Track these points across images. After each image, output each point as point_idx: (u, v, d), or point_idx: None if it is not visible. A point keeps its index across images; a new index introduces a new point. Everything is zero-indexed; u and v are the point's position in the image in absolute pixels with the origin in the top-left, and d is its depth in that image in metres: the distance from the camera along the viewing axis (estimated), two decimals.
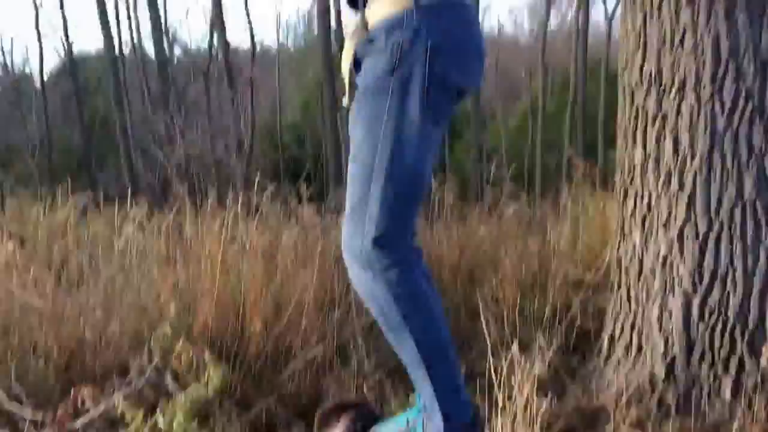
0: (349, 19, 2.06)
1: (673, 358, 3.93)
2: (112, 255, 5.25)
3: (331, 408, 2.45)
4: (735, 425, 3.48)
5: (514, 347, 3.45)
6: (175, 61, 26.18)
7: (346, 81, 1.98)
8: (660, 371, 3.95)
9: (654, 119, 4.03)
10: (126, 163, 12.88)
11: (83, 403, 3.23)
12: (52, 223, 6.71)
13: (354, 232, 1.86)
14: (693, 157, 3.88)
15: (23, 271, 4.71)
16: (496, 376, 3.40)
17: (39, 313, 4.30)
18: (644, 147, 4.09)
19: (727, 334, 3.86)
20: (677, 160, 3.93)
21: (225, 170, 14.69)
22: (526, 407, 3.33)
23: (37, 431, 3.34)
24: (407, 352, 1.95)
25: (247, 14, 22.83)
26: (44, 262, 5.41)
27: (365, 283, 1.87)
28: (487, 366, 3.49)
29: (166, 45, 22.92)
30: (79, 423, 3.26)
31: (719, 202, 3.84)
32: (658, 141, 4.01)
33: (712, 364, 3.87)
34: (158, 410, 2.90)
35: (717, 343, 3.86)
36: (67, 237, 6.03)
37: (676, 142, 3.93)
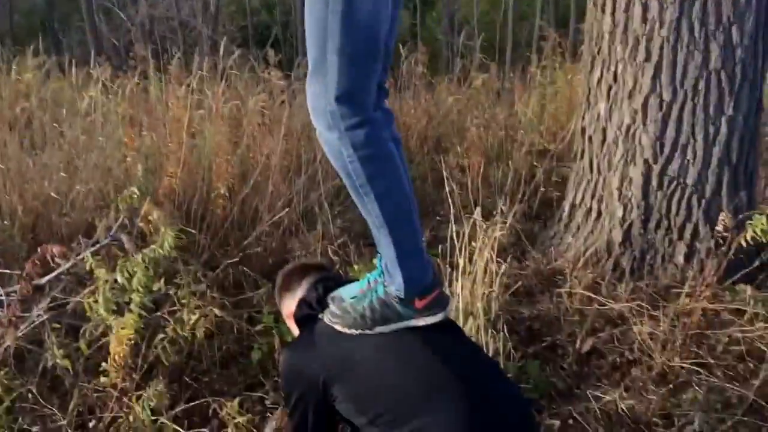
0: None
1: (630, 225, 4.03)
2: (76, 117, 5.19)
3: (293, 269, 2.45)
4: (686, 288, 3.59)
5: (477, 213, 3.51)
6: None
7: None
8: (617, 237, 4.05)
9: None
10: (89, 25, 12.45)
11: (52, 260, 3.24)
12: (15, 85, 6.58)
13: (317, 92, 1.83)
14: (661, 26, 3.86)
15: None
16: (458, 240, 3.47)
17: (2, 173, 4.27)
18: (613, 14, 4.06)
19: (684, 202, 3.95)
20: (645, 28, 3.92)
21: (190, 33, 14.34)
22: (485, 269, 3.43)
23: (3, 287, 3.36)
24: (371, 214, 1.95)
25: None
26: (7, 124, 5.35)
27: (331, 143, 1.85)
28: (450, 231, 3.56)
29: None
30: (46, 279, 3.28)
31: (684, 71, 3.86)
32: (627, 8, 3.98)
33: (668, 230, 3.97)
34: (117, 268, 2.91)
35: (674, 211, 3.96)
36: (30, 99, 5.92)
37: (645, 10, 3.91)
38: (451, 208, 3.77)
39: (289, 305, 2.29)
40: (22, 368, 3.18)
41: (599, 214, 4.20)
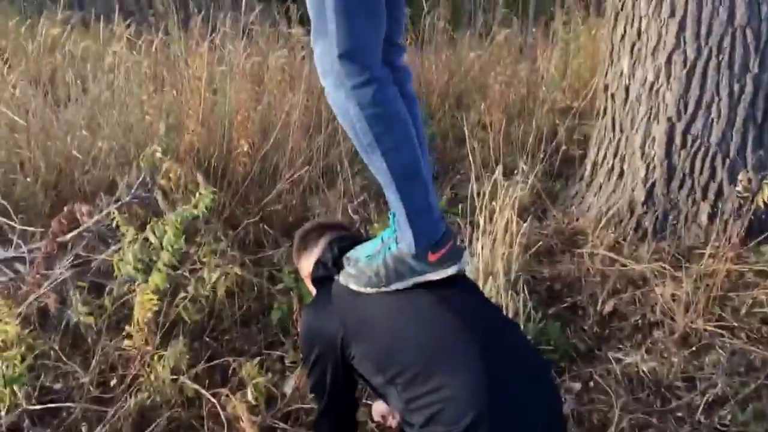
0: None
1: (653, 184, 3.98)
2: (99, 73, 5.17)
3: (309, 229, 2.44)
4: (709, 249, 3.56)
5: (498, 171, 3.49)
6: None
7: None
8: (639, 196, 4.02)
9: None
10: None
11: (79, 218, 3.26)
12: (40, 40, 6.56)
13: (322, 51, 1.84)
14: None
15: (10, 87, 4.65)
16: (478, 199, 3.46)
17: (27, 130, 4.28)
18: None
19: (708, 161, 3.90)
20: None
21: None
22: (506, 229, 3.41)
23: (26, 244, 3.39)
24: (379, 171, 1.95)
25: None
26: (32, 79, 5.34)
27: (338, 102, 1.85)
28: (471, 189, 3.55)
29: None
30: (70, 236, 3.30)
31: (710, 28, 3.79)
32: None
33: (692, 190, 3.93)
34: (148, 227, 2.92)
35: (697, 170, 3.91)
36: (54, 54, 5.91)
37: None
38: (472, 166, 3.75)
39: (306, 265, 2.31)
40: (44, 325, 3.21)
41: (621, 172, 4.16)
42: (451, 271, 2.02)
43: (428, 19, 7.04)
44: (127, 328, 2.85)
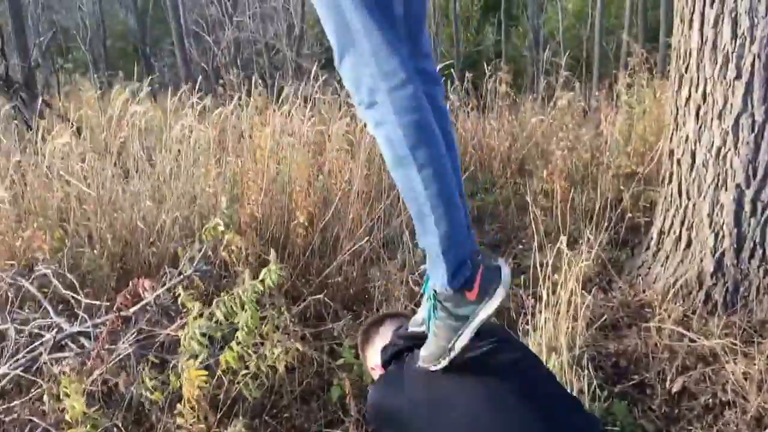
0: None
1: (722, 254, 3.87)
2: (167, 144, 5.27)
3: (373, 322, 2.38)
4: None
5: (561, 241, 3.43)
6: None
7: None
8: (708, 267, 3.90)
9: (713, 0, 3.87)
10: (179, 50, 12.64)
11: (143, 292, 3.30)
12: (109, 111, 6.73)
13: (353, 64, 1.71)
14: (752, 42, 3.71)
15: (80, 159, 4.75)
16: (541, 270, 3.40)
17: (95, 201, 4.36)
18: (701, 30, 3.92)
19: None
20: (735, 44, 3.77)
21: (275, 56, 14.54)
22: (570, 301, 3.35)
23: (92, 318, 3.43)
24: (413, 190, 1.85)
25: None
26: (101, 151, 5.46)
27: (373, 112, 1.79)
28: (533, 260, 3.49)
29: None
30: (133, 310, 3.34)
31: None
32: (716, 24, 3.83)
33: (763, 260, 3.80)
34: (215, 302, 2.94)
35: None
36: (123, 125, 6.05)
37: (735, 25, 3.75)
38: (535, 235, 3.71)
39: (372, 357, 2.26)
40: (109, 401, 3.23)
41: (689, 242, 4.05)
42: (499, 295, 1.88)
43: (490, 84, 7.07)
44: (178, 406, 2.83)
